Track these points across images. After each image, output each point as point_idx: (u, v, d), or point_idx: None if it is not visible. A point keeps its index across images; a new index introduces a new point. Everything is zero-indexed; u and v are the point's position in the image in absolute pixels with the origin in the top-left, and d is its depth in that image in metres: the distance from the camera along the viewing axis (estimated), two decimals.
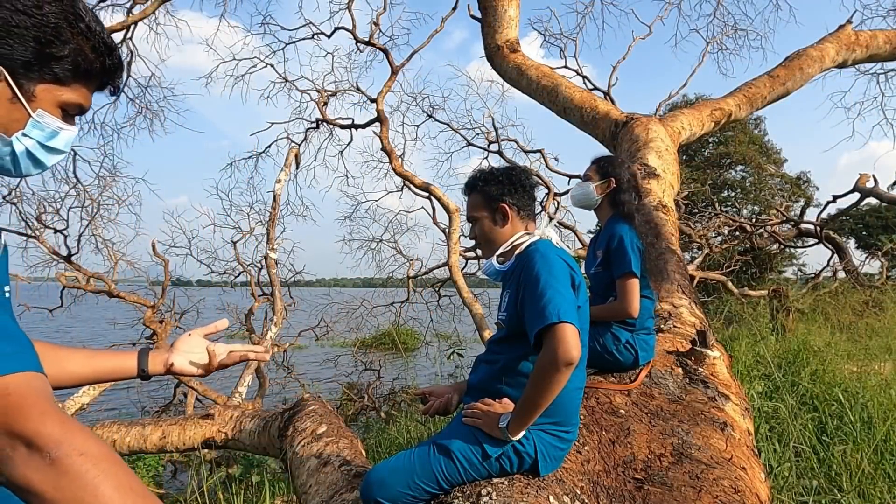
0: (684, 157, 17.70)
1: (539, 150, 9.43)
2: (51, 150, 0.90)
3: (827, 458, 2.92)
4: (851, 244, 17.60)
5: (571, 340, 1.38)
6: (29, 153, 0.88)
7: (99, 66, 0.88)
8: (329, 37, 7.45)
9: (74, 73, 0.86)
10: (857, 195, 9.19)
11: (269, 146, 8.78)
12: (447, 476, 1.55)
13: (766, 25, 25.14)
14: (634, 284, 2.25)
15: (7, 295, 0.84)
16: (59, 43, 0.83)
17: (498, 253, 1.71)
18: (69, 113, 0.90)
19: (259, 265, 7.51)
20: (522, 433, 1.52)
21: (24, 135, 0.86)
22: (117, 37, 6.78)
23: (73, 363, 1.13)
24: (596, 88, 8.49)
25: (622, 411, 2.06)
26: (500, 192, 1.71)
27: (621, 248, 2.26)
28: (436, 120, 9.43)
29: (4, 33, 0.81)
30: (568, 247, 1.77)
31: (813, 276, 10.93)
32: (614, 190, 2.41)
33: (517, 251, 1.68)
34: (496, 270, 1.74)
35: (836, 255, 10.84)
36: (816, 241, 10.74)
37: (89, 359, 1.15)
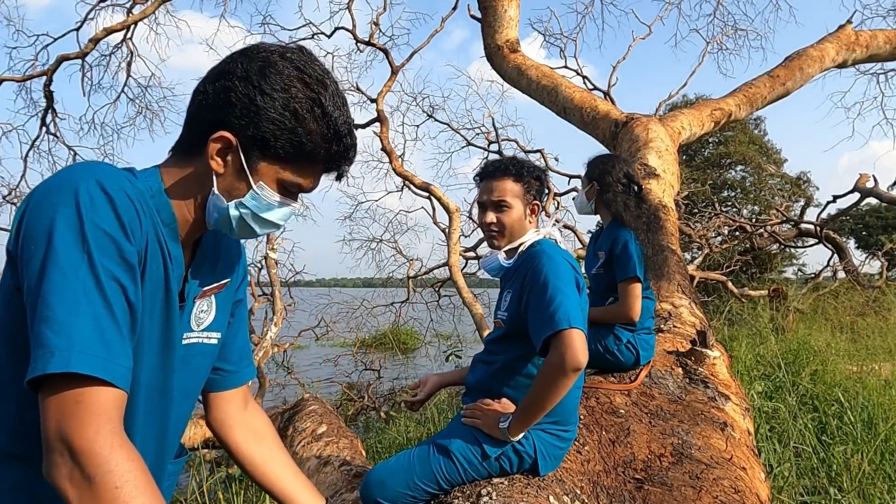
0: (684, 157, 17.69)
1: (539, 150, 9.43)
2: (263, 221, 0.92)
3: (827, 458, 2.92)
4: (851, 244, 17.61)
5: (580, 346, 1.38)
6: (242, 220, 0.90)
7: (324, 151, 0.87)
8: (329, 37, 7.45)
9: (298, 154, 0.87)
10: (857, 195, 9.19)
11: None
12: (447, 476, 1.55)
13: (766, 25, 25.17)
14: (637, 289, 2.25)
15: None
16: (293, 126, 0.85)
17: (506, 248, 1.70)
18: (289, 190, 0.91)
19: (259, 265, 7.49)
20: (522, 434, 1.52)
21: (241, 203, 0.89)
22: (117, 37, 6.78)
23: (282, 477, 1.10)
24: (596, 88, 8.49)
25: (622, 411, 2.06)
26: (538, 191, 1.72)
27: (626, 253, 2.25)
28: (436, 120, 9.44)
29: (245, 111, 0.84)
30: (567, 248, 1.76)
31: (813, 276, 10.92)
32: (598, 192, 2.41)
33: (520, 249, 1.69)
34: (500, 266, 1.72)
35: (836, 255, 10.84)
36: (816, 241, 10.74)
37: (296, 483, 1.11)
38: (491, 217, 1.68)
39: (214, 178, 0.88)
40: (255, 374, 1.20)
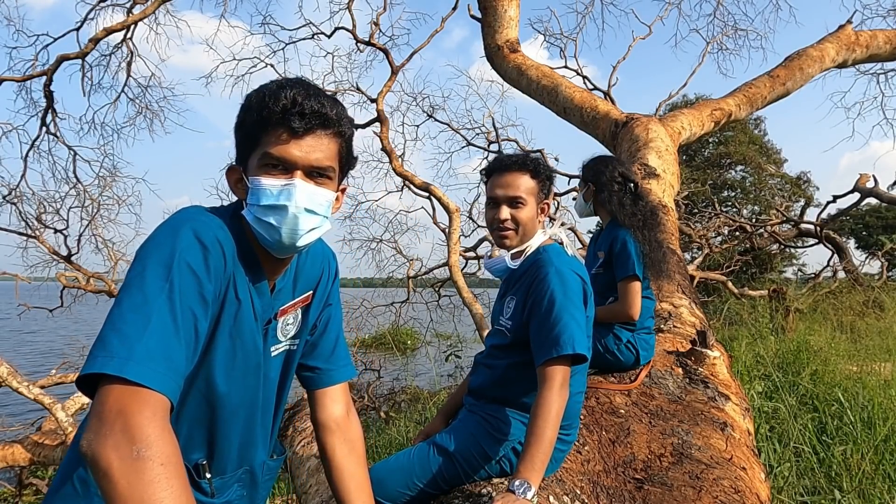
0: (684, 157, 17.69)
1: (539, 151, 9.42)
2: (268, 209, 0.94)
3: (827, 458, 2.92)
4: (851, 244, 17.61)
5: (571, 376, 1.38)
6: (260, 221, 0.95)
7: (266, 111, 0.92)
8: (329, 37, 7.44)
9: (257, 128, 0.93)
10: (857, 195, 9.20)
11: None
12: (446, 477, 1.54)
13: (766, 25, 25.17)
14: (636, 287, 2.25)
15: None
16: (245, 111, 0.94)
17: (516, 250, 1.65)
18: (275, 166, 0.94)
19: None
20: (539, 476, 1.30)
21: (249, 206, 0.96)
22: (117, 37, 6.78)
23: (355, 498, 1.18)
24: (596, 88, 8.48)
25: (622, 411, 2.06)
26: (549, 190, 1.67)
27: (625, 252, 2.26)
28: (436, 120, 9.42)
29: (235, 143, 0.97)
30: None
31: (813, 276, 10.92)
32: (594, 192, 2.41)
33: (527, 251, 1.64)
34: (506, 268, 1.67)
35: (836, 255, 10.85)
36: (816, 241, 10.75)
37: None
38: (505, 213, 1.59)
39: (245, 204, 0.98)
40: (354, 374, 1.28)
